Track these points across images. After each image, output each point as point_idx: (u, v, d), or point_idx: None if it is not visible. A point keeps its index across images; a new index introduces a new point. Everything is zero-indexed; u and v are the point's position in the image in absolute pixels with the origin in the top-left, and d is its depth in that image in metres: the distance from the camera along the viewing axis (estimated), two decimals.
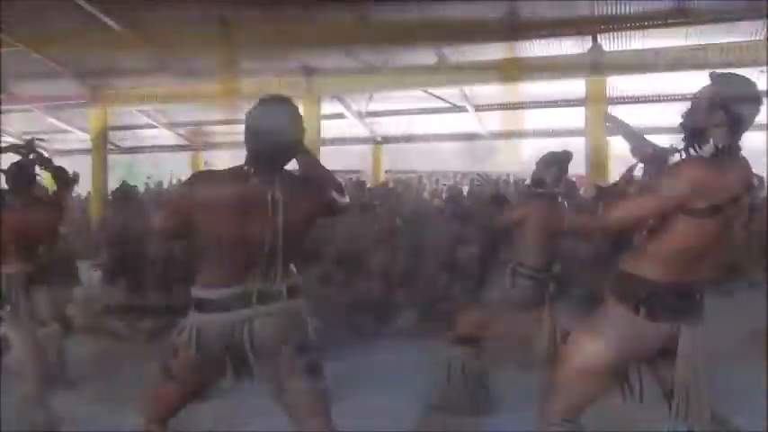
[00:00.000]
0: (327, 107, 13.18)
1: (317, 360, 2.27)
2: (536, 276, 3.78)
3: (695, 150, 2.18)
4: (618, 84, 11.74)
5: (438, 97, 13.20)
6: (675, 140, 2.37)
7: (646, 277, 2.15)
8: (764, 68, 10.20)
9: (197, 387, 2.36)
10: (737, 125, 2.16)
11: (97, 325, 5.66)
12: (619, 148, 14.47)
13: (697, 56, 9.55)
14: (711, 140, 2.16)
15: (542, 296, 3.78)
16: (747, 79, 2.27)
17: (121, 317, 5.61)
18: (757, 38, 9.66)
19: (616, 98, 12.24)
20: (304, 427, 2.23)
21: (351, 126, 15.33)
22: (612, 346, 2.18)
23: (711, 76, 2.25)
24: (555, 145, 12.57)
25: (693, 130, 2.22)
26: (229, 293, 2.18)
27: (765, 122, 9.57)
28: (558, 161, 3.83)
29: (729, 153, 2.15)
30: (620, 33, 10.19)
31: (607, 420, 2.69)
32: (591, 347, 2.22)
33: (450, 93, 13.01)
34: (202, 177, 2.46)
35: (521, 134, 14.94)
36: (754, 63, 9.51)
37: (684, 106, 2.36)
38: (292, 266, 2.31)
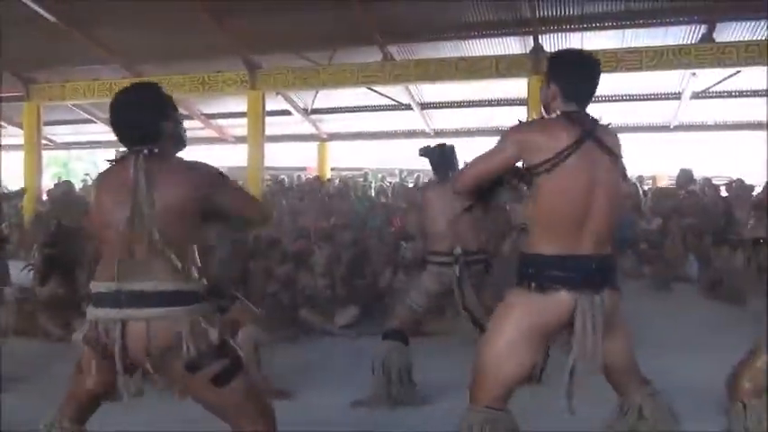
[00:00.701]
0: (272, 104, 13.06)
1: (222, 370, 2.10)
2: (442, 261, 3.93)
3: None
4: None
5: (383, 95, 13.24)
6: None
7: (533, 252, 2.25)
8: (695, 71, 10.70)
9: (99, 385, 2.22)
10: (570, 93, 2.34)
11: (29, 326, 5.47)
12: None
13: (632, 58, 9.85)
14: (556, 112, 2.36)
15: (451, 281, 3.91)
16: (573, 51, 2.49)
17: (54, 317, 5.43)
18: (690, 42, 10.05)
19: None
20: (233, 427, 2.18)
21: (296, 123, 15.23)
22: (514, 325, 2.23)
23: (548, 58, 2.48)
24: None
25: (544, 107, 2.45)
26: (100, 288, 2.13)
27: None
28: (440, 151, 4.25)
29: (571, 117, 2.30)
30: (559, 35, 10.45)
31: None
32: (497, 330, 2.28)
33: (396, 91, 13.08)
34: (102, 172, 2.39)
35: (465, 133, 15.14)
36: (686, 66, 9.92)
37: (624, 106, 2.49)
38: (177, 266, 2.08)
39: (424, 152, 4.35)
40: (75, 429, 2.27)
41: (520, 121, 2.46)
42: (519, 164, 2.36)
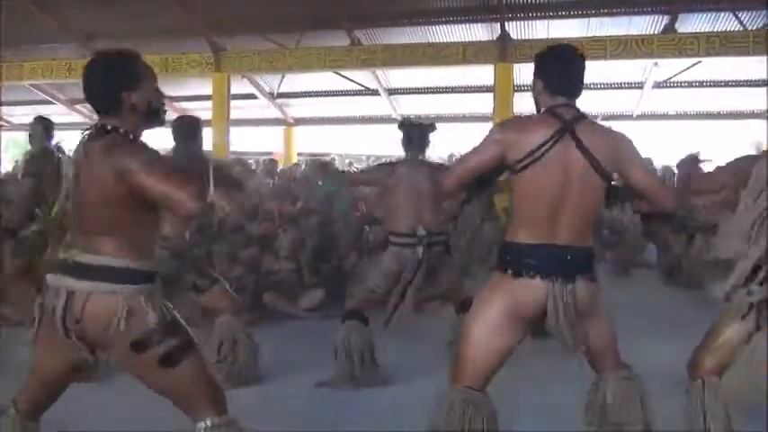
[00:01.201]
0: (237, 87, 12.89)
1: (171, 350, 2.06)
2: (405, 243, 3.95)
3: None
4: (525, 71, 12.12)
5: (350, 80, 13.18)
6: None
7: (511, 240, 2.35)
8: (657, 61, 10.87)
9: (52, 368, 2.17)
10: (554, 87, 2.41)
11: None
12: None
13: (597, 47, 9.97)
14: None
15: (409, 261, 3.92)
16: (557, 46, 2.55)
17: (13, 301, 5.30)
18: (653, 32, 10.21)
19: (523, 86, 12.64)
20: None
21: (262, 107, 15.07)
22: (493, 309, 2.33)
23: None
24: (466, 129, 12.90)
25: (535, 102, 2.51)
26: (59, 255, 2.12)
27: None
28: (420, 128, 4.25)
29: (554, 113, 2.36)
30: (526, 22, 10.52)
31: None
32: (477, 314, 2.37)
33: (363, 76, 13.02)
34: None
35: (433, 119, 15.15)
36: (649, 55, 10.09)
37: (587, 95, 2.54)
38: (119, 245, 2.04)
39: (404, 125, 4.31)
40: (30, 416, 2.23)
41: (504, 121, 2.60)
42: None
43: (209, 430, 2.08)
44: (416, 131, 4.23)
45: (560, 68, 2.46)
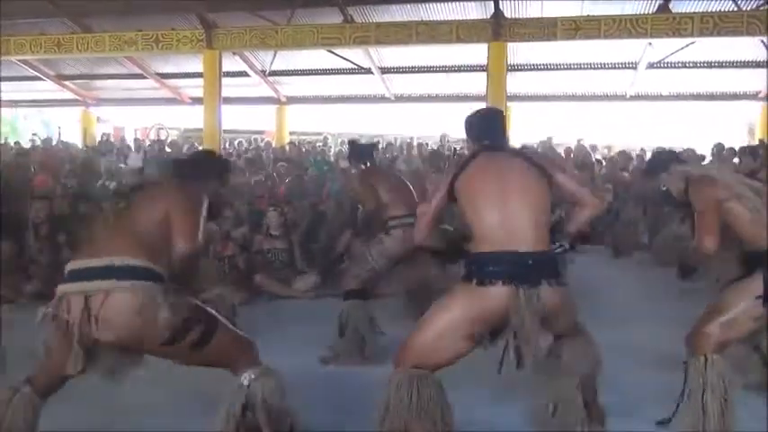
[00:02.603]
0: (229, 64, 12.77)
1: (197, 337, 2.29)
2: (406, 222, 4.02)
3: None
4: (518, 51, 12.07)
5: (344, 58, 13.08)
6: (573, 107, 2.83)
7: (474, 251, 2.44)
8: (651, 41, 10.84)
9: (63, 359, 2.26)
10: (474, 138, 2.71)
11: None
12: (518, 114, 14.93)
13: (591, 26, 9.93)
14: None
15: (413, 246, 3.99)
16: (473, 112, 2.82)
17: (5, 280, 5.27)
18: (648, 11, 10.16)
19: (516, 65, 12.60)
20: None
21: (254, 85, 14.95)
22: (449, 316, 2.41)
23: None
24: (459, 109, 12.84)
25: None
26: (71, 266, 2.29)
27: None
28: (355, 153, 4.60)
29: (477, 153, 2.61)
30: (520, 1, 10.44)
31: None
32: (433, 317, 2.45)
33: (356, 54, 12.93)
34: None
35: (426, 98, 15.11)
36: (643, 35, 10.04)
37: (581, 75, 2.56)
38: (130, 246, 2.28)
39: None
40: (36, 401, 2.36)
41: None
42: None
43: (252, 381, 2.37)
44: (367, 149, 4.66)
45: (477, 126, 2.72)
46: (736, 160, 7.83)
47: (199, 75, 12.34)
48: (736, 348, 2.87)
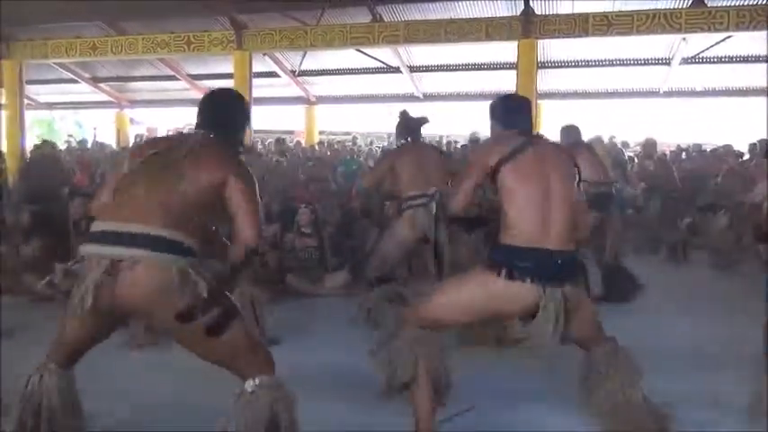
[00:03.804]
0: (259, 65, 12.88)
1: (216, 320, 2.15)
2: (418, 203, 4.11)
3: None
4: (549, 48, 11.95)
5: (373, 57, 13.09)
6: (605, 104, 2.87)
7: (505, 243, 2.45)
8: (685, 36, 10.63)
9: (87, 326, 2.23)
10: (503, 123, 2.74)
11: (12, 283, 5.43)
12: (548, 112, 14.78)
13: (624, 21, 9.77)
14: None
15: (426, 225, 4.01)
16: (503, 95, 2.91)
17: (37, 275, 5.38)
18: (682, 5, 9.97)
19: (547, 62, 12.47)
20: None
21: (283, 85, 15.05)
22: (469, 302, 2.48)
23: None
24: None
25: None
26: (102, 227, 2.17)
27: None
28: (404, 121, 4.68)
29: (517, 131, 2.65)
30: None
31: None
32: (453, 294, 2.53)
33: (385, 53, 12.93)
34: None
35: (455, 97, 15.05)
36: (677, 30, 9.85)
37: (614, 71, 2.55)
38: (178, 223, 2.15)
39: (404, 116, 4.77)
40: (62, 373, 2.31)
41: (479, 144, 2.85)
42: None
43: (256, 389, 2.18)
44: (415, 122, 4.66)
45: (509, 112, 2.75)
46: None
47: (229, 76, 12.46)
48: None
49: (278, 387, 2.23)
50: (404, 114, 4.75)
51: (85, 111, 19.70)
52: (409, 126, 4.64)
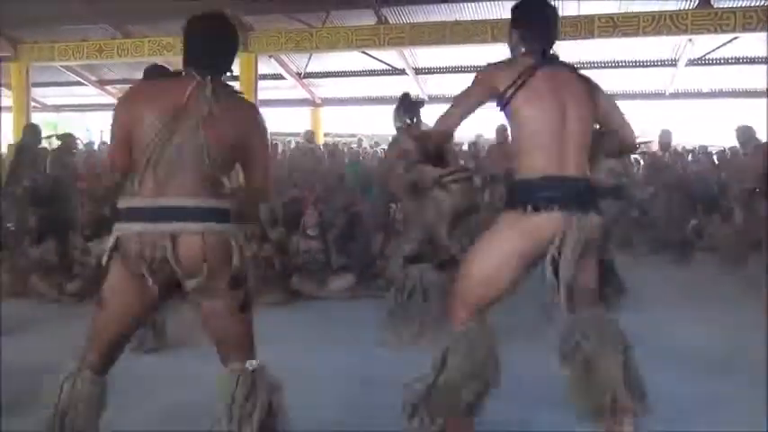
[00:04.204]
0: (264, 67, 12.90)
1: (246, 294, 2.20)
2: (462, 177, 4.12)
3: None
4: (554, 49, 11.91)
5: (378, 59, 13.11)
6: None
7: (523, 178, 2.36)
8: (691, 37, 10.61)
9: (127, 310, 2.18)
10: (528, 37, 2.53)
11: (22, 286, 5.46)
12: None
13: (630, 23, 9.76)
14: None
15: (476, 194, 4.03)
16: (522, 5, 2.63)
17: (47, 278, 5.41)
18: (688, 7, 9.95)
19: None
20: (224, 362, 2.23)
21: (289, 88, 15.08)
22: (498, 250, 2.35)
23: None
24: (495, 110, 12.76)
25: (511, 53, 2.66)
26: (151, 204, 2.12)
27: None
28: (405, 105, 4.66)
29: (530, 52, 2.50)
30: (556, 0, 10.31)
31: None
32: (482, 253, 2.40)
33: (390, 55, 12.94)
34: (134, 88, 2.41)
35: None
36: (684, 31, 9.83)
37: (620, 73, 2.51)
38: (221, 187, 2.17)
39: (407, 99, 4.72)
40: (96, 380, 2.22)
41: (488, 64, 2.62)
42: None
43: (257, 369, 2.22)
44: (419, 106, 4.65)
45: (535, 20, 2.55)
46: None
47: (235, 78, 12.48)
48: None
49: (263, 369, 2.26)
50: (404, 96, 4.77)
51: (92, 113, 19.76)
52: (410, 107, 4.66)
